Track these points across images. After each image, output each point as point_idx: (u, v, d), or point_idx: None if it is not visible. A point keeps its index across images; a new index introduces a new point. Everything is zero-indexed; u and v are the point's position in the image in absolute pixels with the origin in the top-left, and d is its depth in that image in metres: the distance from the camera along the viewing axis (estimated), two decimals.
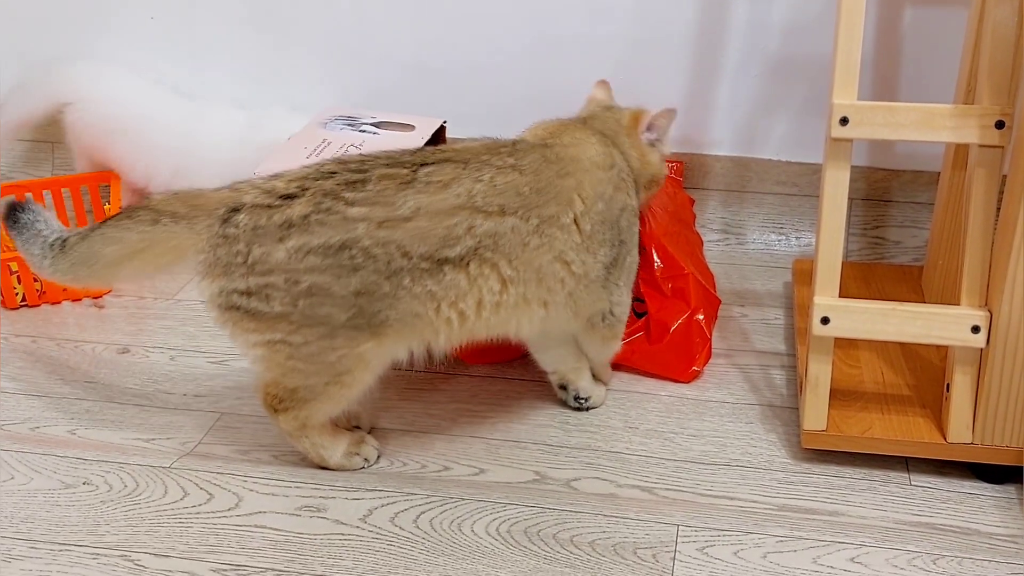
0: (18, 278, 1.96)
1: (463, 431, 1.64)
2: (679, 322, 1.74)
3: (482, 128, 1.66)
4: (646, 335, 1.77)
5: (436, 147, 1.51)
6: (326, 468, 1.54)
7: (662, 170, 1.66)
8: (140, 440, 1.61)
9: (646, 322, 1.78)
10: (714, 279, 1.90)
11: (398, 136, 1.88)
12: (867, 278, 1.96)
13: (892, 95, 2.07)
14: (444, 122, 1.92)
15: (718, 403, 1.71)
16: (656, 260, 1.77)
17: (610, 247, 1.53)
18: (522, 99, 2.14)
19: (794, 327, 1.84)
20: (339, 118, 1.94)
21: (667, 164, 1.71)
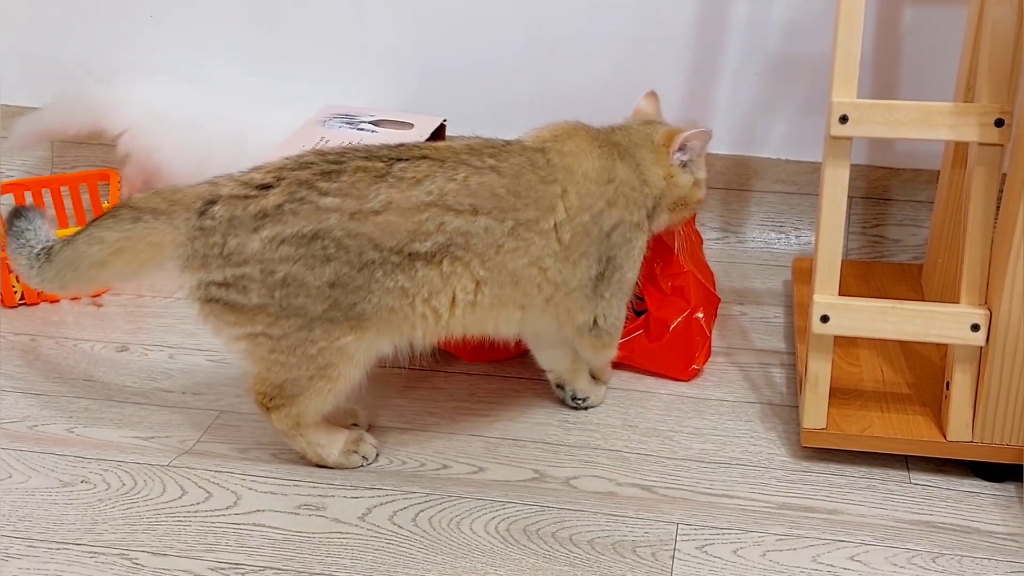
0: (16, 276, 1.96)
1: (462, 429, 1.64)
2: (679, 320, 1.74)
3: (482, 127, 1.65)
4: (646, 333, 1.77)
5: (416, 143, 1.51)
6: (324, 467, 1.53)
7: (694, 193, 1.63)
8: (138, 438, 1.61)
9: (646, 320, 1.77)
10: (714, 277, 1.89)
11: (397, 134, 1.87)
12: (867, 276, 1.96)
13: (891, 93, 2.07)
14: (444, 120, 1.92)
15: (717, 401, 1.71)
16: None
17: (596, 261, 1.52)
18: (522, 98, 2.14)
19: (794, 325, 1.84)
20: (337, 116, 1.94)
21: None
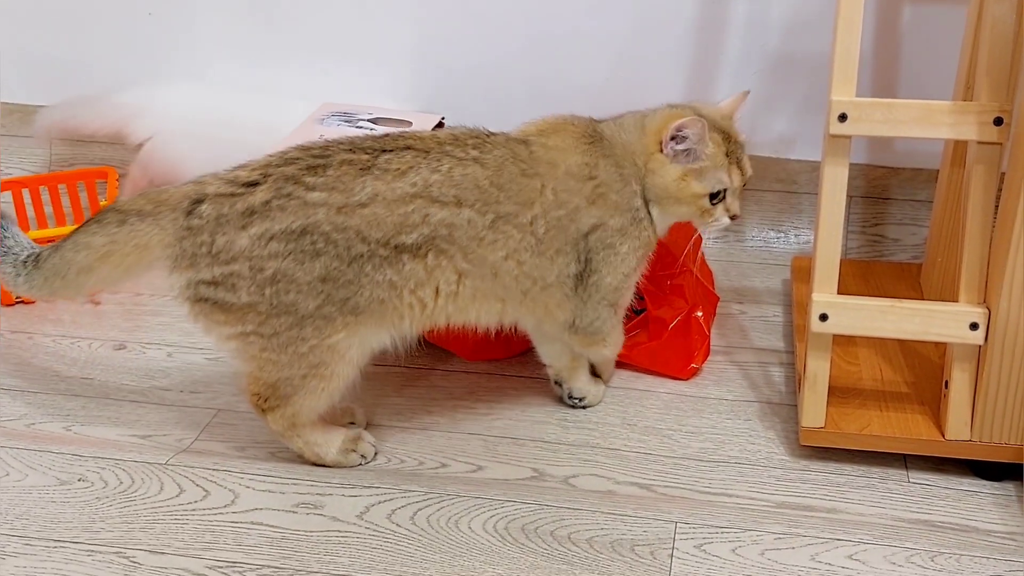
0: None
1: (461, 428, 1.64)
2: (678, 319, 1.74)
3: (481, 124, 1.65)
4: (645, 332, 1.77)
5: (401, 134, 1.50)
6: (323, 465, 1.53)
7: (685, 187, 1.51)
8: (136, 436, 1.61)
9: (645, 319, 1.77)
10: (713, 276, 1.89)
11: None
12: (866, 275, 1.96)
13: (891, 92, 2.07)
14: (442, 118, 1.91)
15: (716, 400, 1.71)
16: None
17: (574, 260, 1.51)
18: (522, 95, 2.14)
19: (793, 324, 1.83)
20: (336, 114, 1.94)
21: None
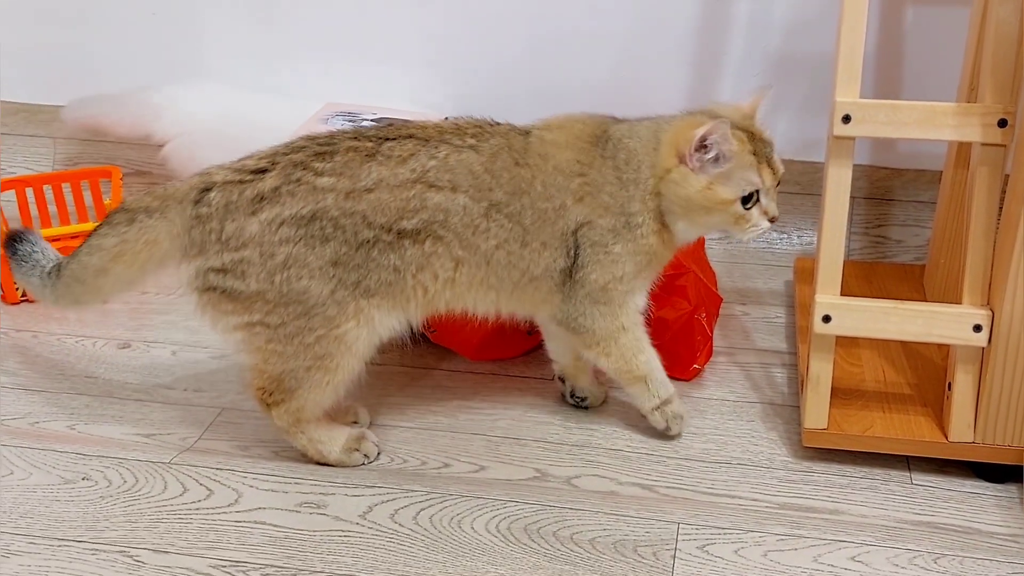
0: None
1: (464, 428, 1.64)
2: (680, 320, 1.74)
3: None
4: (647, 333, 1.76)
5: (404, 123, 1.53)
6: (326, 464, 1.53)
7: (709, 197, 1.45)
8: (140, 435, 1.61)
9: (647, 320, 1.77)
10: (716, 277, 1.89)
11: None
12: (869, 277, 1.96)
13: (894, 93, 2.07)
14: (446, 118, 1.91)
15: (719, 401, 1.71)
16: None
17: (562, 256, 1.50)
18: (524, 94, 2.13)
19: (795, 325, 1.84)
20: (340, 114, 1.94)
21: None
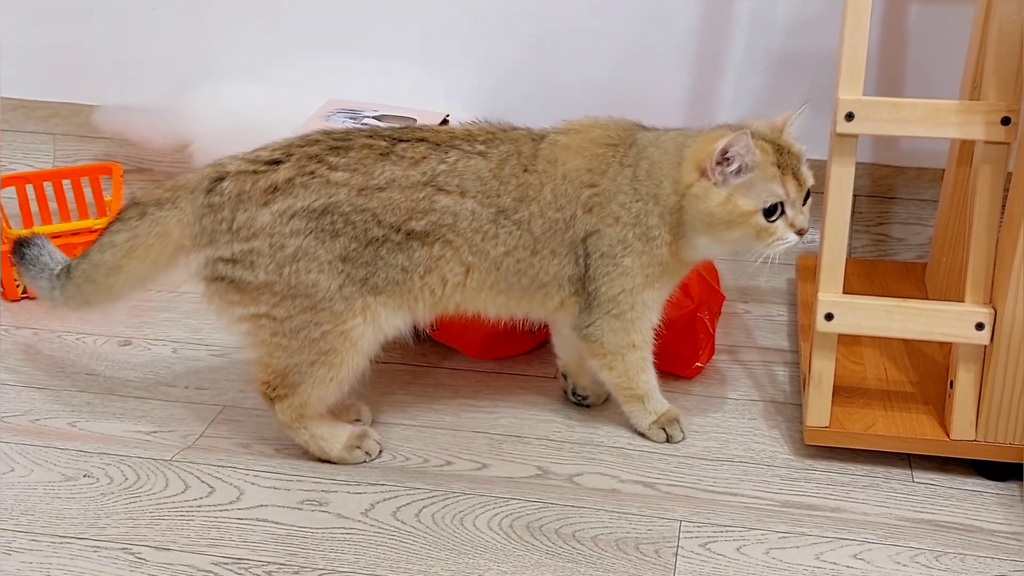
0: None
1: (466, 426, 1.64)
2: (682, 317, 1.74)
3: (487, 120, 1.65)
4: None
5: (417, 126, 1.55)
6: (327, 461, 1.53)
7: (729, 210, 1.44)
8: (141, 433, 1.61)
9: None
10: (718, 275, 1.89)
11: None
12: (871, 275, 1.96)
13: (897, 91, 2.07)
14: (447, 115, 1.91)
15: (721, 399, 1.71)
16: None
17: (571, 263, 1.50)
18: (524, 93, 2.14)
19: (798, 323, 1.83)
20: (341, 111, 1.94)
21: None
